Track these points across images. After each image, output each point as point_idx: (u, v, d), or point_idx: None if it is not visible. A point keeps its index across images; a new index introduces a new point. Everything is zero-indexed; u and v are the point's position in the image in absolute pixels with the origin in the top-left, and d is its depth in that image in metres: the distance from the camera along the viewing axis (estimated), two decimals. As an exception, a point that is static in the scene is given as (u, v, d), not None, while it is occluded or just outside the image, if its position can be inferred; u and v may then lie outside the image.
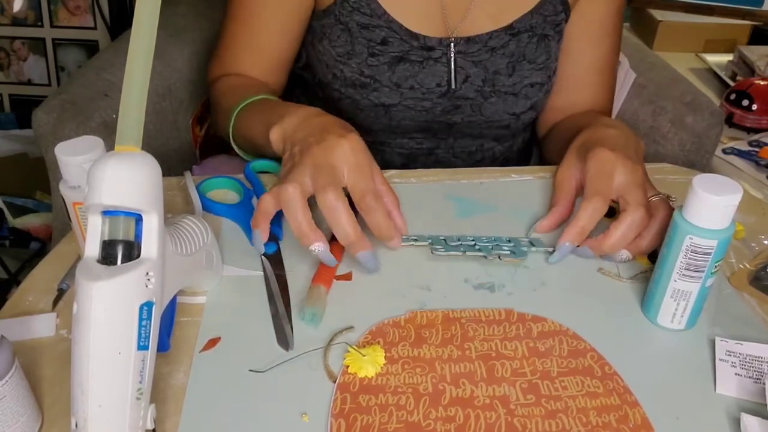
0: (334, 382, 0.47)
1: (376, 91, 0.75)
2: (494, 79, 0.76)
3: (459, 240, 0.60)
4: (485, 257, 0.58)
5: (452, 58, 0.75)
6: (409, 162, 0.84)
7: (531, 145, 0.97)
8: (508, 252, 0.59)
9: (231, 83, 0.77)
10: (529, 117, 0.81)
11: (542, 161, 0.95)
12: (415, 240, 0.60)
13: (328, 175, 0.53)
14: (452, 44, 0.75)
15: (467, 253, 0.58)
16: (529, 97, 0.78)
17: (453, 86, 0.76)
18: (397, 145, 0.82)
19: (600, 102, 0.83)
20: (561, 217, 0.62)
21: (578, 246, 0.58)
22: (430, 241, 0.60)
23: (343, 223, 0.52)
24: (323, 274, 0.55)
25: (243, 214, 0.63)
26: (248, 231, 0.61)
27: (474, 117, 0.78)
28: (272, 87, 0.80)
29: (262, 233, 0.55)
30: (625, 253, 0.57)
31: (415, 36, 0.74)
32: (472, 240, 0.60)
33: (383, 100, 0.75)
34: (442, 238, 0.61)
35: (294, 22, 0.76)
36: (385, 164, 0.82)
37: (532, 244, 0.61)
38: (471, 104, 0.77)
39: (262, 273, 0.57)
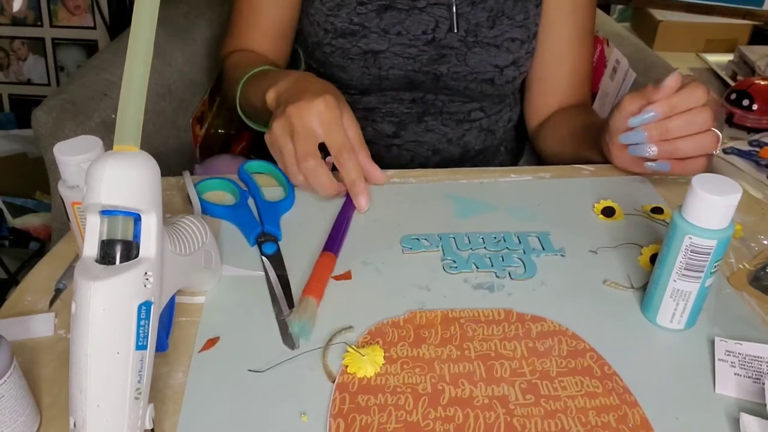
0: (333, 382, 0.47)
1: (365, 37, 0.79)
2: (476, 31, 0.80)
3: (469, 241, 0.61)
4: (497, 276, 0.57)
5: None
6: (399, 130, 0.86)
7: (523, 143, 0.98)
8: (519, 266, 0.58)
9: (238, 58, 0.85)
10: (512, 75, 0.84)
11: (536, 158, 0.96)
12: (426, 240, 0.61)
13: (304, 141, 0.61)
14: None
15: (480, 270, 0.58)
16: (511, 51, 0.82)
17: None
18: (388, 112, 0.85)
19: (579, 74, 0.87)
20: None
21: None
22: (440, 246, 0.60)
23: (324, 183, 0.62)
24: (314, 285, 0.54)
25: (240, 215, 0.63)
26: (246, 231, 0.61)
27: (459, 67, 0.81)
28: (275, 59, 0.87)
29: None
30: (654, 149, 0.61)
31: None
32: (482, 240, 0.61)
33: (372, 47, 0.79)
34: (451, 236, 0.61)
35: None
36: (376, 134, 0.86)
37: (541, 244, 0.61)
38: (456, 54, 0.81)
39: (260, 273, 0.57)
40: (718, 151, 0.61)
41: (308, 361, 0.49)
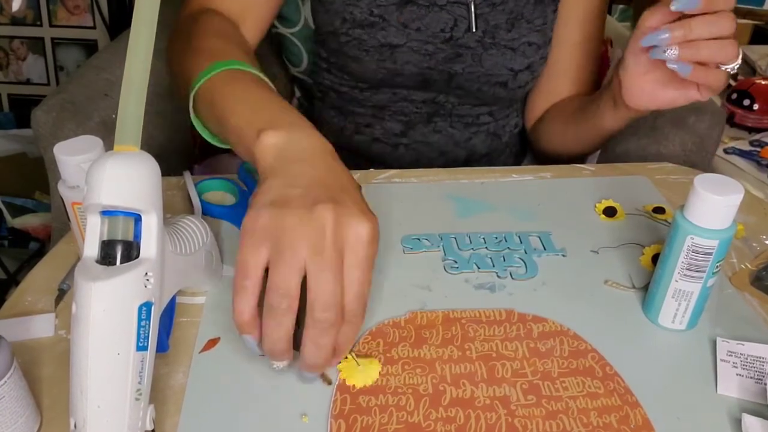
0: (329, 384, 0.47)
1: (383, 30, 0.77)
2: (494, 32, 0.79)
3: (470, 241, 0.61)
4: (498, 276, 0.57)
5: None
6: (407, 129, 0.86)
7: (525, 146, 0.98)
8: (520, 266, 0.58)
9: (207, 25, 0.66)
10: (525, 79, 0.83)
11: (536, 156, 0.96)
12: (427, 240, 0.61)
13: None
14: None
15: (481, 270, 0.58)
16: (527, 56, 0.81)
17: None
18: (397, 111, 0.85)
19: (584, 85, 0.87)
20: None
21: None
22: (441, 246, 0.60)
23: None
24: None
25: (240, 215, 0.62)
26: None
27: (474, 68, 0.81)
28: (247, 38, 0.71)
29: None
30: (675, 51, 0.56)
31: None
32: (483, 240, 0.61)
33: (390, 40, 0.78)
34: (452, 236, 0.61)
35: None
36: (384, 132, 0.86)
37: (543, 244, 0.61)
38: (472, 54, 0.80)
39: (261, 273, 0.57)
40: (736, 68, 0.58)
41: (309, 362, 0.48)
